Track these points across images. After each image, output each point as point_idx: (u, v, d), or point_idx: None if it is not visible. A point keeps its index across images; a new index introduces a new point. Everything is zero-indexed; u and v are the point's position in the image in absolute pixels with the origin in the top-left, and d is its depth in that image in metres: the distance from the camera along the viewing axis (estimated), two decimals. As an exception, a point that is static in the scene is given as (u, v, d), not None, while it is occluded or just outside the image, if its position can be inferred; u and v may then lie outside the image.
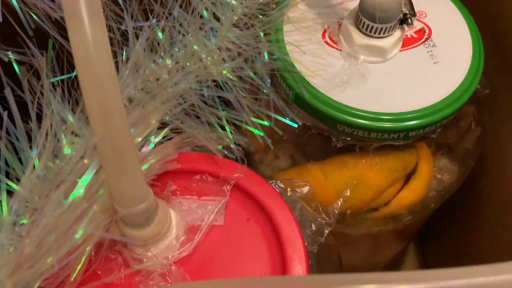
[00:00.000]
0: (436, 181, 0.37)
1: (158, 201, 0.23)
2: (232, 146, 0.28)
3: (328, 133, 0.31)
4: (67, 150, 0.24)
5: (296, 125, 0.29)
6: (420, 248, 0.56)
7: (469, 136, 0.38)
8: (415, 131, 0.30)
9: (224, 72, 0.28)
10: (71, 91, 0.27)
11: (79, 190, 0.21)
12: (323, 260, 0.30)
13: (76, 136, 0.25)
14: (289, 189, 0.30)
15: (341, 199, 0.32)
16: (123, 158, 0.20)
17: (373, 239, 0.39)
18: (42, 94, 0.26)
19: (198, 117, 0.28)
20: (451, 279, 0.16)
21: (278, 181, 0.30)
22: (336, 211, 0.30)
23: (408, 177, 0.36)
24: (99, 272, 0.23)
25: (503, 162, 0.38)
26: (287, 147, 0.36)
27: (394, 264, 0.54)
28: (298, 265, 0.24)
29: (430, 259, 0.54)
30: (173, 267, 0.23)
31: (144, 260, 0.23)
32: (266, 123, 0.28)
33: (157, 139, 0.25)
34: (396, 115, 0.29)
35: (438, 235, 0.52)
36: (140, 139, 0.24)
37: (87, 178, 0.21)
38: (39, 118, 0.25)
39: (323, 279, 0.16)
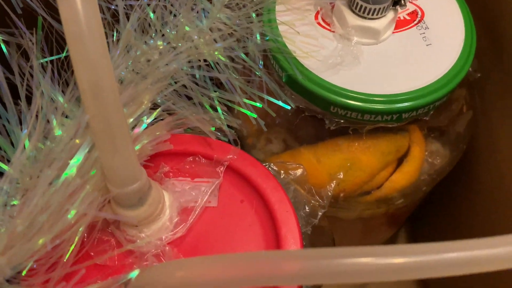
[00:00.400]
0: (428, 164, 0.37)
1: (151, 182, 0.23)
2: (224, 128, 0.28)
3: (321, 116, 0.31)
4: (57, 132, 0.24)
5: (289, 107, 0.29)
6: (411, 234, 0.56)
7: (461, 120, 0.38)
8: (408, 113, 0.30)
9: (216, 53, 0.28)
10: (61, 72, 0.26)
11: (71, 170, 0.20)
12: (317, 242, 0.30)
13: (66, 117, 0.25)
14: (282, 171, 0.30)
15: (334, 181, 0.32)
16: (116, 135, 0.19)
17: (365, 223, 0.39)
18: (31, 75, 0.26)
19: (190, 99, 0.28)
20: (446, 252, 0.16)
21: (272, 164, 0.30)
22: (330, 193, 0.30)
23: (400, 161, 0.36)
24: (92, 254, 0.23)
25: (494, 145, 0.39)
26: (279, 132, 0.36)
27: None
28: (293, 246, 0.24)
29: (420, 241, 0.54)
30: (167, 248, 0.23)
31: (138, 241, 0.23)
32: (259, 104, 0.28)
33: (149, 120, 0.24)
34: (388, 96, 0.29)
35: (429, 220, 0.52)
36: (132, 119, 0.23)
37: (79, 157, 0.21)
38: (29, 100, 0.25)
39: (319, 252, 0.16)
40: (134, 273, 0.18)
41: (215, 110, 0.28)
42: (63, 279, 0.20)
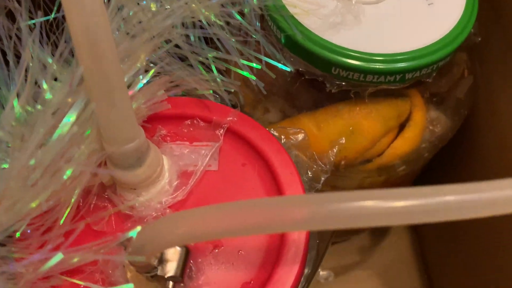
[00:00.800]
0: (429, 132, 0.36)
1: (149, 143, 0.22)
2: (221, 91, 0.26)
3: (322, 79, 0.30)
4: (48, 95, 0.23)
5: (288, 69, 0.28)
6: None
7: (462, 85, 0.37)
8: (412, 73, 0.29)
9: (212, 17, 0.27)
10: (49, 34, 0.25)
11: (65, 128, 0.19)
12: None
13: (56, 80, 0.23)
14: (283, 136, 0.29)
15: (336, 146, 0.31)
16: (112, 88, 0.18)
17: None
18: (18, 38, 0.24)
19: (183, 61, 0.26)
20: (448, 194, 0.16)
21: (272, 129, 0.29)
22: (332, 159, 0.29)
23: (401, 128, 0.35)
24: (89, 219, 0.22)
25: (495, 110, 0.38)
26: (277, 101, 0.35)
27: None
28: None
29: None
30: (167, 211, 0.22)
31: (136, 204, 0.22)
32: (257, 65, 0.27)
33: (145, 80, 0.23)
34: (390, 56, 0.28)
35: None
36: (128, 76, 0.22)
37: (72, 115, 0.19)
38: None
39: (322, 197, 0.15)
40: (135, 231, 0.17)
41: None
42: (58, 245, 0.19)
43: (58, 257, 0.16)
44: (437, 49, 0.29)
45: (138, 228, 0.18)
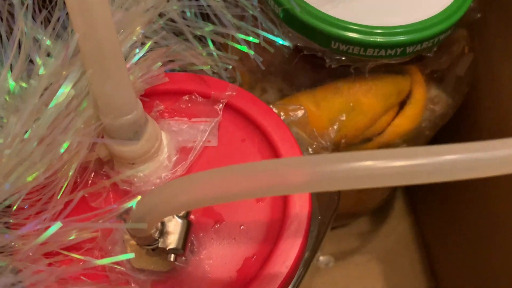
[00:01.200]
0: (429, 110, 0.36)
1: (147, 116, 0.21)
2: (219, 65, 0.26)
3: (321, 54, 0.29)
4: (41, 71, 0.22)
5: (287, 43, 0.27)
6: (407, 193, 0.55)
7: (462, 62, 0.37)
8: (412, 47, 0.29)
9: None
10: (42, 10, 0.24)
11: (60, 98, 0.19)
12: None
13: (49, 56, 0.23)
14: (282, 113, 0.29)
15: (336, 123, 0.31)
16: (108, 57, 0.18)
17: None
18: (10, 14, 0.24)
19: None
20: (447, 154, 0.15)
21: (271, 106, 0.28)
22: (332, 136, 0.29)
23: (402, 106, 0.35)
24: (86, 195, 0.21)
25: (496, 86, 0.37)
26: (275, 81, 0.35)
27: (380, 209, 0.53)
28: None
29: (418, 205, 0.53)
30: (167, 186, 0.21)
31: (135, 180, 0.21)
32: (255, 40, 0.26)
33: (142, 53, 0.23)
34: (390, 28, 0.28)
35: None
36: (124, 49, 0.21)
37: (67, 86, 0.19)
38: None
39: (320, 158, 0.15)
40: (134, 201, 0.17)
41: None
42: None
43: (57, 225, 0.15)
44: (438, 22, 0.29)
45: (138, 197, 0.17)
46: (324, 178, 0.15)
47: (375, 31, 0.27)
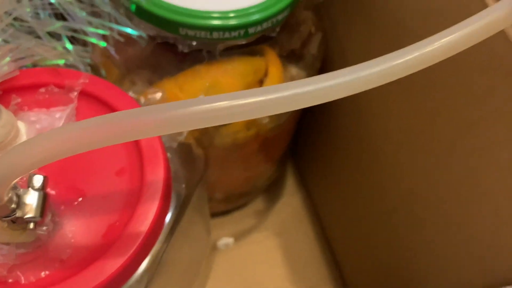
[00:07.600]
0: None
1: (1, 107, 0.23)
2: (76, 59, 0.28)
3: (173, 41, 0.32)
4: None
5: (136, 33, 0.30)
6: (297, 169, 0.59)
7: (313, 41, 0.41)
8: (254, 28, 0.32)
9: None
10: None
11: None
12: (187, 162, 0.32)
13: None
14: (142, 98, 0.31)
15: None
16: None
17: (241, 151, 0.41)
18: None
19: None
20: (303, 86, 0.18)
21: (130, 92, 0.31)
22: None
23: (261, 84, 0.38)
24: None
25: (342, 62, 0.42)
26: (142, 72, 0.37)
27: (273, 187, 0.57)
28: (156, 158, 0.25)
29: (308, 179, 0.57)
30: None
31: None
32: (105, 31, 0.28)
33: (-10, 51, 0.24)
34: (225, 13, 0.31)
35: (311, 152, 0.55)
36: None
37: None
38: None
39: (178, 104, 0.17)
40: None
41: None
42: None
43: None
44: (272, 4, 0.32)
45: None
46: (178, 119, 0.17)
47: (212, 15, 0.30)
